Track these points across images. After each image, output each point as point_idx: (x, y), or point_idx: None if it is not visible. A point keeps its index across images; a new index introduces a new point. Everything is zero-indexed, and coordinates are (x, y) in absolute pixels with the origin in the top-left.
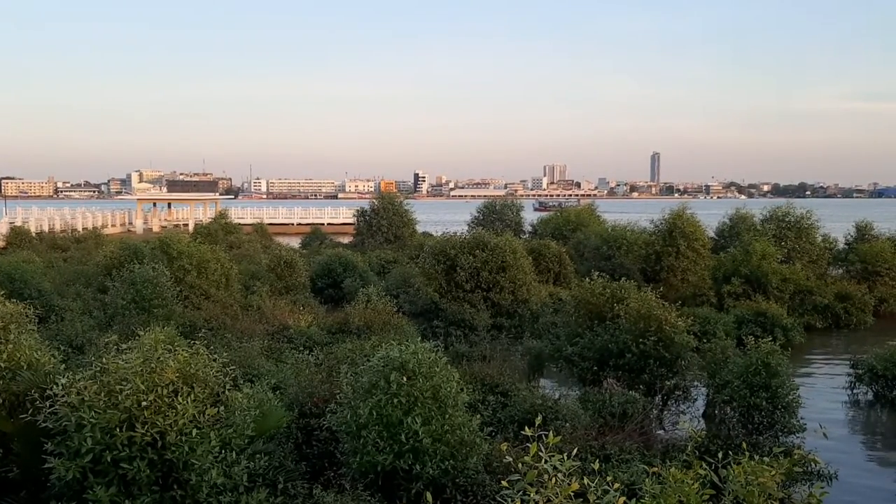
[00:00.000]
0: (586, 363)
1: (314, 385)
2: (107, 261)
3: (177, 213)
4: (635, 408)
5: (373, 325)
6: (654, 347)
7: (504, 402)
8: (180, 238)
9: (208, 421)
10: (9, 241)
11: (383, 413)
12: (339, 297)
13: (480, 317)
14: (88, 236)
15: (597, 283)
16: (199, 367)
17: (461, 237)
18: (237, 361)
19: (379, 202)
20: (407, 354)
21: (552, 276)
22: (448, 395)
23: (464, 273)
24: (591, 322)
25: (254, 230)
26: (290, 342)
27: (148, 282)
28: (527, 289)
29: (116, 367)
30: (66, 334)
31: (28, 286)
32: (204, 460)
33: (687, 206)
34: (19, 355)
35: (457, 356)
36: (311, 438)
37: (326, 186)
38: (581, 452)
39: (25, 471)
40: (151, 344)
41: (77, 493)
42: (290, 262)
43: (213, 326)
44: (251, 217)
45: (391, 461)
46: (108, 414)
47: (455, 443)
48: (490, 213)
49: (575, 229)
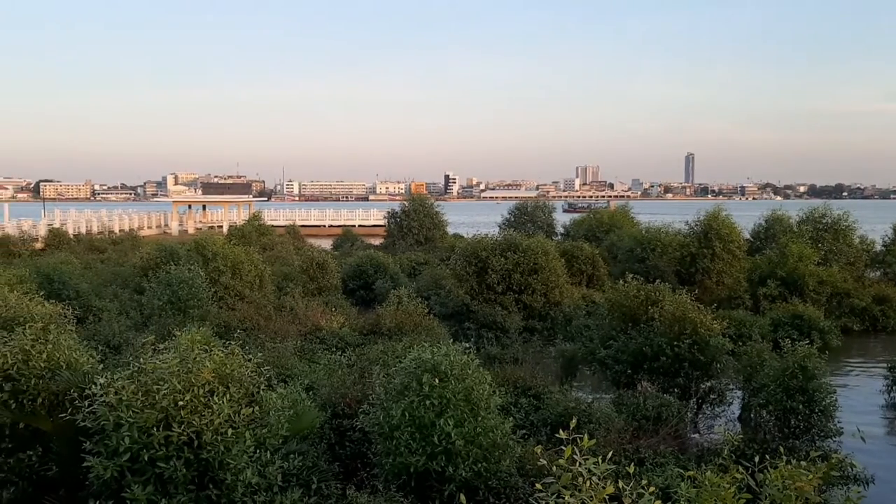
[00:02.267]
0: (620, 366)
1: (347, 386)
2: (143, 262)
3: (211, 215)
4: (670, 411)
5: (404, 326)
6: (689, 350)
7: (537, 404)
8: (215, 240)
9: (243, 421)
10: (48, 242)
11: (415, 415)
12: (371, 299)
13: (512, 319)
14: (125, 238)
15: (631, 286)
16: (235, 368)
17: (492, 239)
18: (271, 362)
19: (409, 204)
20: (439, 356)
21: (585, 279)
22: (480, 398)
23: (495, 275)
24: (625, 325)
25: (286, 232)
26: (323, 343)
27: (184, 283)
28: (559, 291)
29: (153, 367)
30: (104, 334)
31: (66, 287)
32: (239, 460)
33: (722, 208)
34: (58, 355)
35: (488, 358)
36: (344, 439)
37: (357, 188)
38: (615, 456)
39: (64, 469)
40: (188, 344)
41: (115, 492)
42: (322, 264)
43: (247, 327)
44: (284, 219)
45: (424, 463)
46: (145, 413)
47: (488, 445)
48: (522, 215)
49: (608, 231)
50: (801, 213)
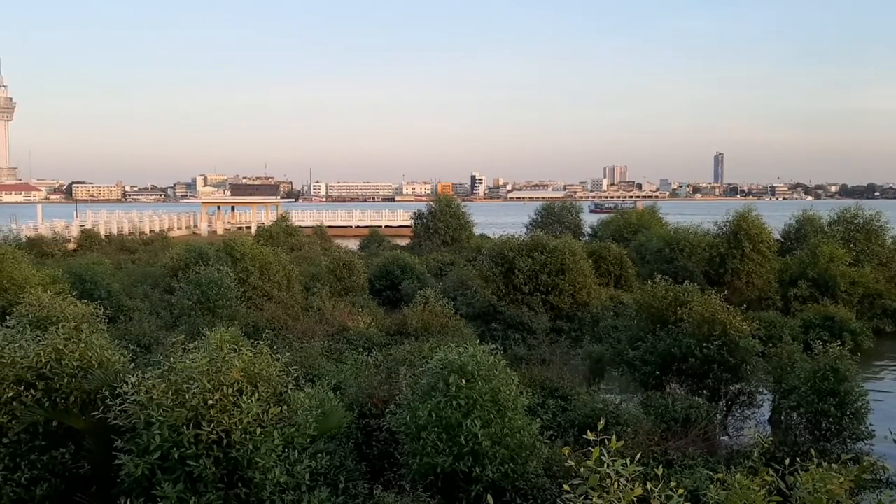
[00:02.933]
0: (648, 367)
1: (373, 386)
2: (173, 262)
3: (240, 216)
4: (699, 413)
5: (430, 327)
6: (719, 352)
7: (564, 406)
8: (244, 240)
9: (272, 420)
10: (80, 243)
11: (442, 415)
12: (397, 299)
13: (539, 320)
14: (155, 239)
15: (659, 287)
16: (263, 367)
17: (519, 239)
18: (299, 362)
19: (436, 204)
20: (465, 357)
21: (613, 279)
22: (507, 399)
23: (522, 276)
24: (653, 326)
25: (314, 232)
26: (350, 343)
27: (213, 283)
28: (587, 292)
29: (183, 366)
30: (135, 334)
31: (98, 287)
32: (267, 459)
33: (752, 208)
34: (90, 354)
35: (515, 359)
36: (371, 439)
37: (384, 189)
38: (643, 458)
39: (96, 467)
40: (217, 344)
41: (146, 490)
42: (349, 265)
43: (275, 327)
44: (311, 220)
45: (450, 463)
46: (175, 412)
47: (515, 446)
48: (549, 215)
49: (636, 231)
50: (832, 214)
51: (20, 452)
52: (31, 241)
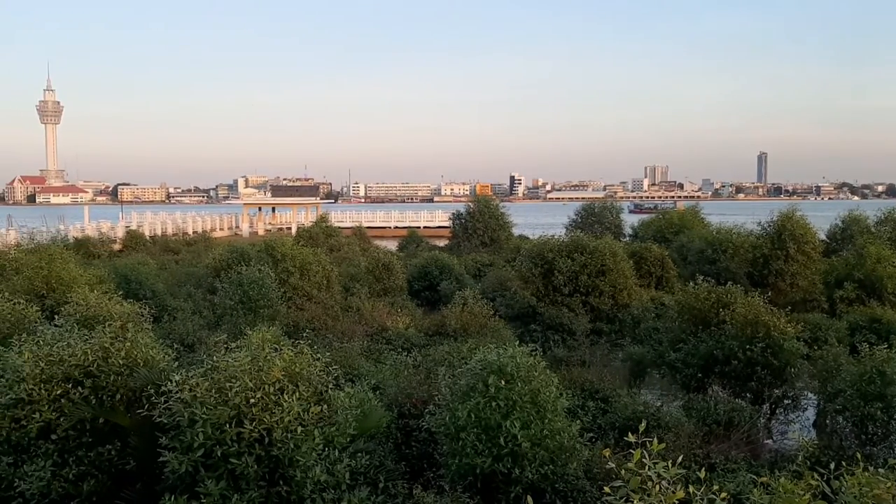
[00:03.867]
0: (690, 370)
1: (412, 386)
2: (215, 263)
3: (280, 217)
4: (742, 416)
5: (469, 327)
6: (762, 354)
7: (604, 408)
8: (284, 241)
9: (312, 419)
10: (125, 244)
11: (482, 416)
12: (436, 300)
13: (579, 321)
14: (198, 239)
15: (701, 288)
16: (304, 367)
17: (559, 240)
18: (338, 361)
19: (475, 205)
20: (505, 358)
21: (654, 281)
22: (547, 400)
23: (562, 277)
24: (696, 328)
25: (353, 233)
26: (389, 343)
27: (254, 283)
28: (627, 293)
29: (226, 365)
30: (178, 333)
31: (143, 287)
32: (308, 457)
33: (796, 208)
34: (136, 353)
35: (555, 361)
36: (410, 439)
37: (422, 190)
38: (685, 461)
39: (141, 464)
40: (259, 343)
41: (189, 486)
42: (388, 265)
43: (315, 327)
44: (350, 220)
45: (490, 464)
46: (218, 410)
47: (554, 448)
48: (589, 216)
49: (678, 232)
50: (879, 214)
51: (68, 448)
52: (79, 242)
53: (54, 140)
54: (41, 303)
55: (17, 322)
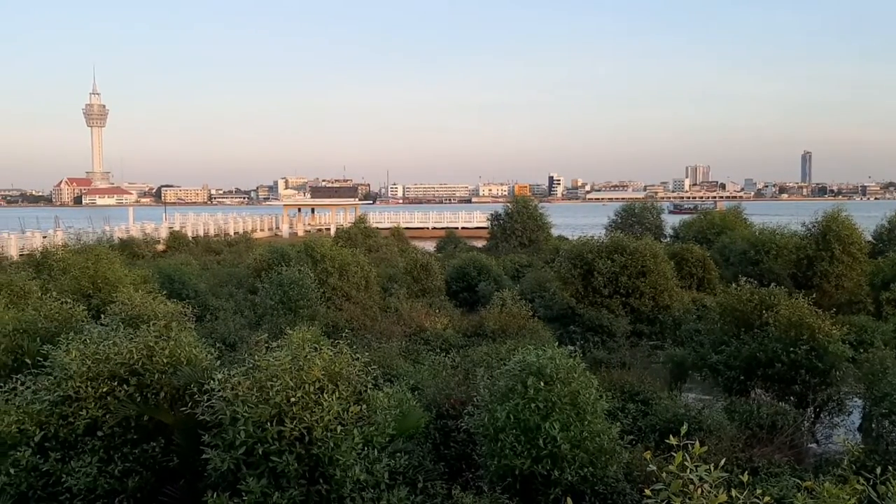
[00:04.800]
0: (732, 372)
1: (451, 387)
2: (256, 263)
3: (319, 218)
4: (785, 420)
5: (508, 328)
6: (806, 357)
7: (645, 410)
8: (323, 242)
9: (352, 418)
10: (168, 244)
11: (520, 417)
12: (474, 301)
13: (619, 323)
14: (239, 240)
15: (744, 289)
16: (343, 366)
17: (598, 241)
18: (377, 361)
19: (513, 206)
20: (544, 359)
21: (695, 282)
22: (587, 402)
23: (601, 278)
24: (738, 330)
25: (391, 234)
26: (427, 344)
27: (294, 283)
28: (668, 294)
29: (267, 364)
30: (220, 332)
31: (186, 287)
32: (348, 456)
33: (842, 208)
34: (179, 352)
35: (595, 362)
36: (449, 440)
37: (460, 191)
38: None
39: (184, 461)
40: (299, 343)
41: (231, 484)
42: (426, 266)
43: (354, 327)
44: (388, 221)
45: (529, 466)
46: (259, 409)
47: (594, 450)
48: (629, 216)
49: (720, 233)
50: None
51: (114, 445)
52: (123, 243)
53: (100, 142)
54: (88, 302)
55: (65, 321)
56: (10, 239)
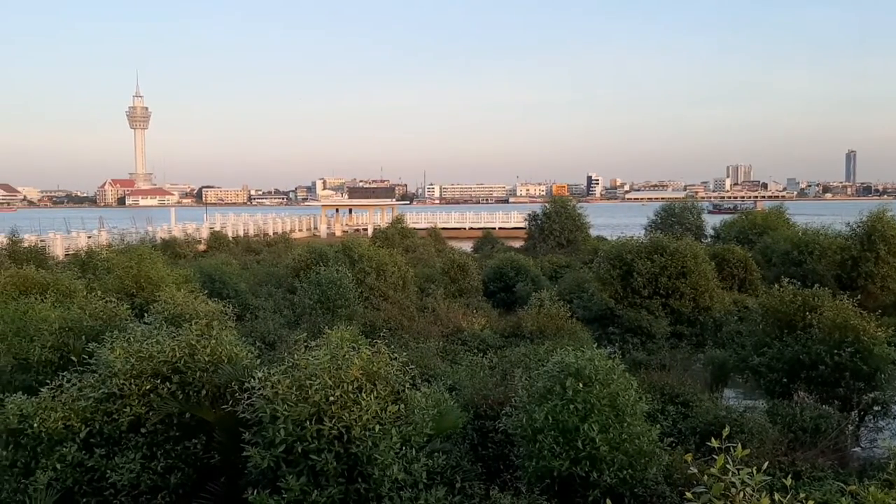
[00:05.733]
0: (774, 375)
1: (489, 388)
2: (295, 263)
3: (357, 218)
4: (829, 423)
5: (546, 329)
6: (851, 359)
7: (685, 412)
8: (361, 242)
9: (390, 418)
10: (209, 244)
11: (559, 419)
12: (511, 301)
13: (659, 324)
14: (278, 240)
15: (787, 291)
16: (381, 366)
17: (638, 241)
18: (414, 361)
19: (551, 206)
20: (583, 360)
21: (737, 283)
22: (626, 404)
23: (641, 278)
24: (780, 331)
25: (428, 234)
26: (465, 344)
27: (332, 283)
28: (709, 295)
29: (306, 363)
30: (260, 331)
31: (226, 286)
32: (386, 455)
33: (887, 208)
34: (221, 350)
35: (634, 364)
36: (487, 440)
37: (497, 191)
38: (770, 468)
39: (225, 458)
40: (337, 342)
41: (271, 481)
42: (463, 266)
43: (391, 327)
44: (425, 222)
45: (567, 467)
46: (299, 407)
47: (633, 452)
48: (668, 217)
49: (762, 233)
50: None
51: (156, 442)
52: (165, 243)
53: (143, 144)
54: (131, 301)
55: (109, 319)
56: (56, 239)
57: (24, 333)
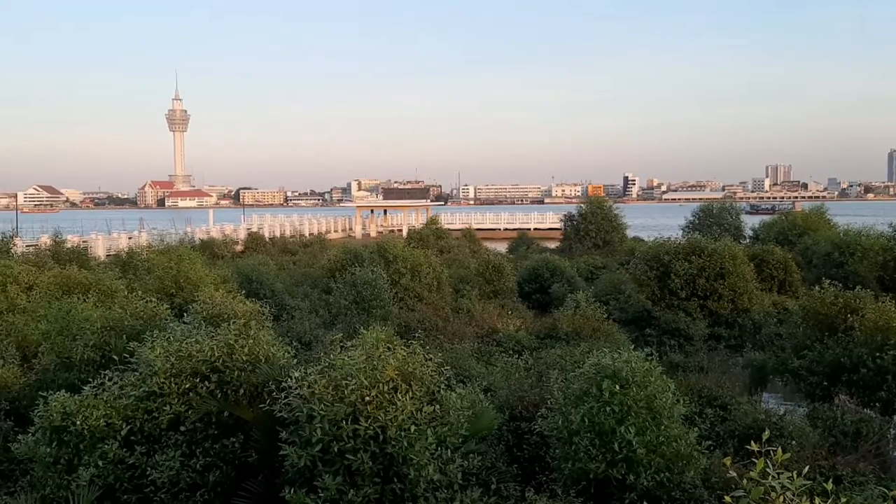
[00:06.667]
0: (815, 378)
1: (524, 389)
2: (330, 264)
3: (392, 219)
4: (870, 427)
5: (582, 331)
6: (893, 362)
7: (723, 415)
8: (395, 243)
9: (425, 418)
10: (246, 245)
11: (595, 421)
12: (547, 303)
13: (697, 326)
14: (314, 241)
15: (828, 292)
16: (416, 366)
17: (675, 242)
18: (449, 362)
19: (587, 206)
20: (620, 362)
21: (776, 285)
22: (663, 406)
23: (678, 280)
24: (821, 334)
25: (462, 235)
26: (500, 346)
27: (367, 284)
28: (748, 297)
29: (342, 363)
30: (296, 331)
31: (263, 287)
32: (421, 456)
33: None
34: (258, 350)
35: (671, 366)
36: (522, 442)
37: (532, 191)
38: (810, 472)
39: (263, 456)
40: (373, 342)
41: (308, 480)
42: (498, 267)
43: (426, 327)
44: (460, 222)
45: (603, 470)
46: (335, 407)
47: (671, 455)
48: (706, 217)
49: (802, 234)
50: None
51: (195, 440)
52: (204, 244)
53: (182, 146)
54: (171, 301)
55: (150, 319)
56: (97, 240)
57: (67, 332)
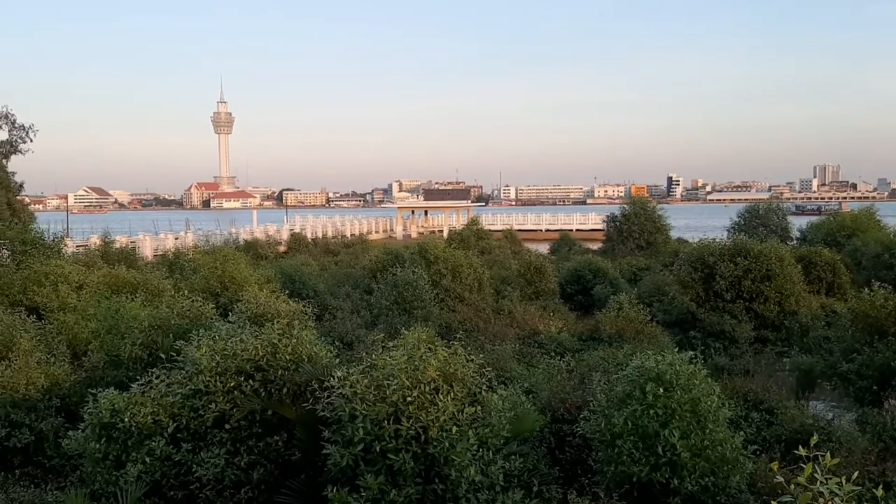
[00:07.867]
0: (864, 382)
1: (566, 391)
2: (372, 264)
3: (432, 220)
4: None
5: (625, 333)
6: None
7: (769, 419)
8: (436, 244)
9: (466, 419)
10: (289, 246)
11: (638, 424)
12: (589, 304)
13: (742, 328)
14: (356, 242)
15: (878, 295)
16: (458, 367)
17: (720, 244)
18: (491, 363)
19: (630, 207)
20: (663, 365)
21: (824, 287)
22: (708, 410)
23: (724, 282)
24: (871, 337)
25: (503, 236)
26: (541, 347)
27: (408, 284)
28: (795, 299)
29: (384, 363)
30: (338, 331)
31: (306, 287)
32: (463, 457)
33: None
34: (301, 349)
35: (716, 369)
36: (564, 444)
37: (574, 192)
38: (859, 478)
39: (305, 455)
40: (414, 343)
41: (350, 480)
42: (540, 268)
43: (467, 328)
44: (501, 223)
45: (647, 473)
46: (377, 407)
47: (716, 459)
48: (752, 218)
49: (851, 235)
50: None
51: (240, 438)
52: (248, 244)
53: (226, 148)
54: (216, 300)
55: (195, 318)
56: (145, 240)
57: (115, 331)
